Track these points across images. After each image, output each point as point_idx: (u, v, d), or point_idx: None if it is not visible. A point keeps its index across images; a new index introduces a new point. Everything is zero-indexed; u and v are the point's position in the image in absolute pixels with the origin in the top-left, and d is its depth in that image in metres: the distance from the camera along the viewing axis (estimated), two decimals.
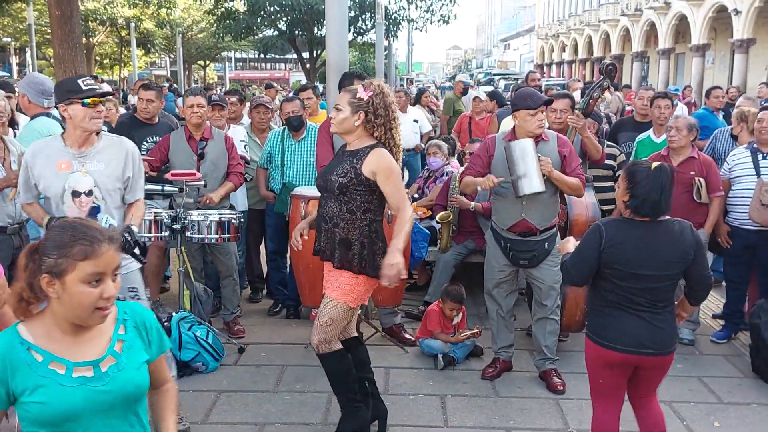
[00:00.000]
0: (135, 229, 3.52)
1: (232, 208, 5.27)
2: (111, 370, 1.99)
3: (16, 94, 5.77)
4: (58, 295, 1.90)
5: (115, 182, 3.59)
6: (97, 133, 3.60)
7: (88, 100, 3.46)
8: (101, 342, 2.01)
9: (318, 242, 3.68)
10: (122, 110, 9.86)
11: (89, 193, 3.52)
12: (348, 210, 3.53)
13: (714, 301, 6.16)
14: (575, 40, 51.19)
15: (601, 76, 5.11)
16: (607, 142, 5.63)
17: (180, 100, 17.31)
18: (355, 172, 3.48)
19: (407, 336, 5.23)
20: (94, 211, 3.56)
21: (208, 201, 4.94)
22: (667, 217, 3.15)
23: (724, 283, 5.67)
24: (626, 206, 3.13)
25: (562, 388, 4.43)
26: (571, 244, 3.37)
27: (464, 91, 11.33)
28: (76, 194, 3.52)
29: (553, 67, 56.41)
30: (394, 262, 3.39)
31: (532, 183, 4.09)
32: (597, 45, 46.09)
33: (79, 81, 3.58)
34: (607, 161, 5.45)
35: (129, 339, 2.06)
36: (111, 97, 5.46)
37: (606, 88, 5.30)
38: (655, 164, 3.13)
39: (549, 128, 4.99)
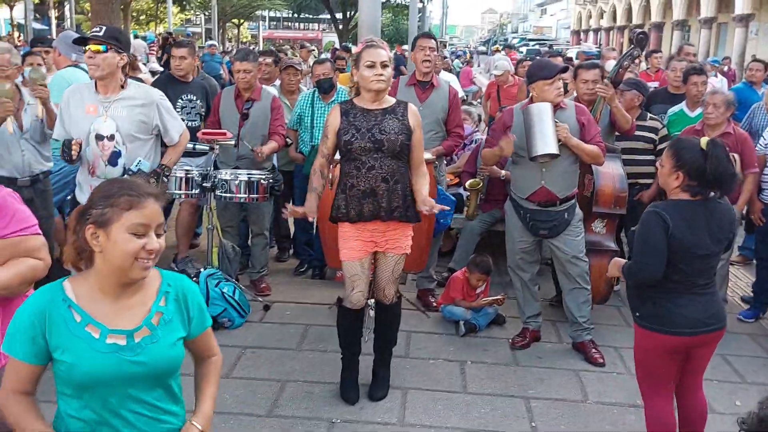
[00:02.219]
0: (167, 171, 3.82)
1: (274, 169, 5.33)
2: (144, 342, 1.96)
3: (53, 48, 5.88)
4: (102, 248, 1.91)
5: (137, 128, 3.71)
6: (125, 81, 3.71)
7: (85, 47, 3.65)
8: (140, 311, 1.99)
9: (365, 206, 3.65)
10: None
11: (111, 137, 3.67)
12: (403, 164, 3.69)
13: (744, 279, 6.10)
14: (614, 7, 49.99)
15: (632, 45, 5.02)
16: (650, 115, 5.54)
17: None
18: (407, 128, 3.63)
19: (432, 301, 5.27)
20: (115, 156, 3.71)
21: (259, 153, 5.03)
22: (713, 194, 3.01)
23: (754, 262, 5.61)
24: (682, 189, 2.98)
25: (602, 360, 4.41)
26: (616, 267, 3.21)
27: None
28: (99, 137, 3.71)
29: (590, 34, 55.25)
30: (430, 203, 3.65)
31: (546, 144, 4.08)
32: (636, 12, 44.98)
33: (89, 32, 3.76)
34: (647, 134, 5.37)
35: (168, 312, 2.03)
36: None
37: (636, 56, 5.20)
38: (705, 141, 2.98)
39: (579, 99, 4.95)
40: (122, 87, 3.74)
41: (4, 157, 4.29)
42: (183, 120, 5.44)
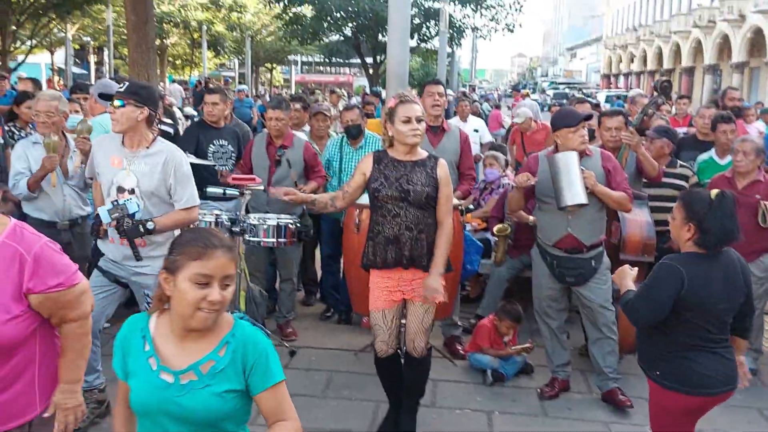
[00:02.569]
0: (150, 225, 3.62)
1: (303, 213, 5.35)
2: (189, 386, 2.01)
3: (90, 95, 6.07)
4: (171, 293, 2.01)
5: (156, 186, 3.73)
6: (155, 138, 3.77)
7: (110, 102, 3.74)
8: (196, 356, 2.03)
9: (389, 253, 3.71)
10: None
11: (131, 191, 3.70)
12: (429, 216, 3.72)
13: None
14: (644, 51, 50.14)
15: (655, 93, 5.02)
16: (680, 162, 5.51)
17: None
18: (435, 181, 3.68)
19: (459, 349, 5.23)
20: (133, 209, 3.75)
21: (301, 190, 5.04)
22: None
23: None
24: (694, 242, 2.97)
25: (629, 403, 4.34)
26: (629, 278, 3.18)
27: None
28: (120, 190, 3.74)
29: (621, 77, 55.31)
30: (436, 286, 3.63)
31: (575, 195, 4.07)
32: (667, 57, 45.03)
33: (115, 85, 3.87)
34: (678, 181, 5.33)
35: (222, 363, 2.03)
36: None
37: (661, 104, 5.20)
38: (714, 193, 2.99)
39: (603, 146, 4.95)
40: (149, 142, 3.76)
41: (46, 202, 4.45)
42: (215, 165, 5.58)
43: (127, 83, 3.85)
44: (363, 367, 4.80)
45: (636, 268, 3.30)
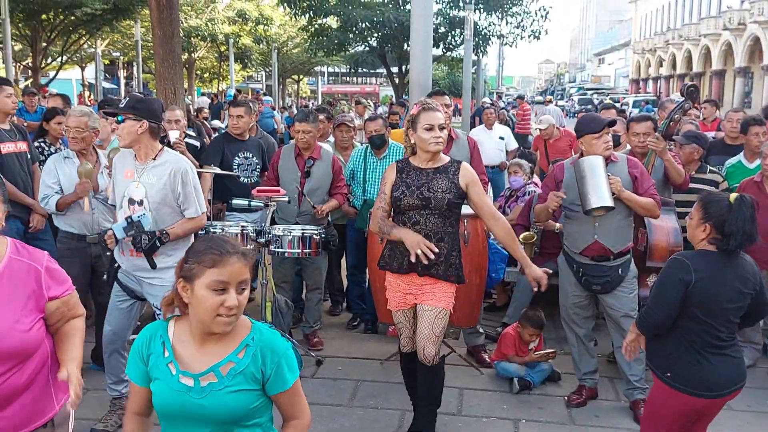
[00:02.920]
0: (166, 237, 3.77)
1: (329, 224, 5.42)
2: (209, 388, 2.07)
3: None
4: (189, 300, 2.07)
5: (163, 196, 3.82)
6: (161, 150, 3.87)
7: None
8: (215, 359, 2.10)
9: (405, 258, 3.69)
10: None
11: (140, 202, 3.81)
12: (450, 224, 3.73)
13: None
14: (673, 55, 49.58)
15: (683, 98, 4.97)
16: (710, 168, 5.45)
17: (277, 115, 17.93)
18: (456, 187, 3.68)
19: (485, 357, 5.21)
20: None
21: (320, 211, 5.22)
22: None
23: None
24: (708, 242, 3.03)
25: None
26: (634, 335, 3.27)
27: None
28: (131, 201, 3.86)
29: (650, 82, 54.74)
30: (538, 272, 3.76)
31: (601, 197, 4.04)
32: (696, 60, 44.48)
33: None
34: (707, 187, 5.27)
35: (242, 364, 2.09)
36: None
37: (688, 109, 5.15)
38: (734, 197, 3.03)
39: (631, 153, 4.91)
40: (155, 153, 3.86)
41: (75, 215, 4.52)
42: (239, 177, 5.64)
43: (126, 98, 3.97)
44: (389, 376, 4.81)
45: None
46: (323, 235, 5.07)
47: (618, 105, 21.78)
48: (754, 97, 36.22)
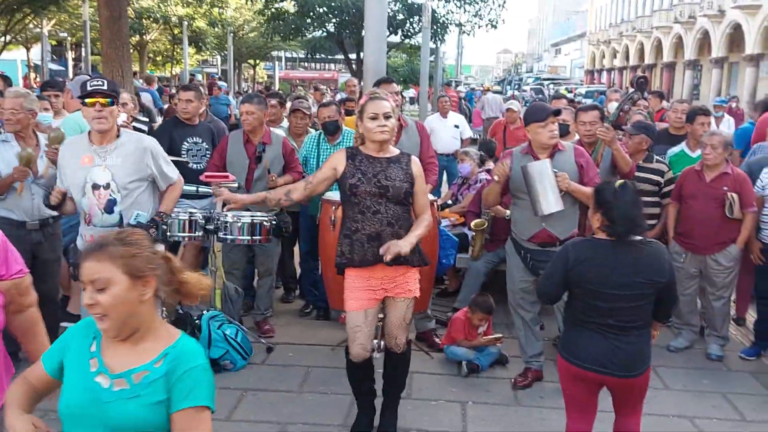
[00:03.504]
0: (167, 218, 3.93)
1: (282, 210, 5.38)
2: (120, 394, 1.94)
3: (66, 90, 6.03)
4: None
5: (131, 177, 3.83)
6: (119, 131, 3.81)
7: (87, 100, 3.71)
8: (134, 363, 1.98)
9: (369, 250, 3.65)
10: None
11: (107, 186, 3.78)
12: (407, 211, 3.74)
13: (748, 318, 6.04)
14: (627, 47, 50.44)
15: (632, 89, 5.09)
16: (656, 157, 5.58)
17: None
18: (411, 177, 3.70)
19: (436, 341, 5.27)
20: (111, 203, 3.82)
21: (272, 179, 5.20)
22: (639, 237, 3.14)
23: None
24: (601, 229, 3.14)
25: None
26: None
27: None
28: (95, 187, 3.81)
29: (604, 73, 55.61)
30: (404, 244, 3.52)
31: (550, 204, 4.16)
32: (648, 52, 45.34)
33: (88, 82, 3.83)
34: (653, 176, 5.42)
35: (156, 374, 1.95)
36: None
37: (637, 100, 5.27)
38: (619, 183, 3.16)
39: (579, 141, 5.01)
40: (115, 135, 3.84)
41: (14, 201, 4.40)
42: (188, 162, 5.58)
43: (106, 81, 3.88)
44: (340, 362, 4.77)
45: None
46: (274, 222, 5.05)
47: (570, 95, 22.09)
48: (702, 89, 37.10)
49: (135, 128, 5.78)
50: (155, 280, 2.00)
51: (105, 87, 3.75)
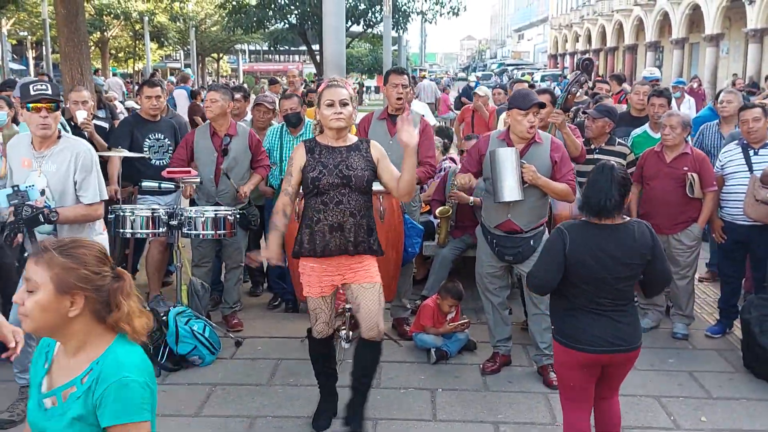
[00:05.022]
0: (54, 216, 3.60)
1: (250, 203, 5.36)
2: (50, 412, 1.88)
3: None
4: None
5: (65, 184, 3.71)
6: (59, 134, 3.73)
7: (31, 105, 3.60)
8: (66, 378, 1.89)
9: (331, 240, 3.66)
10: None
11: (42, 192, 3.68)
12: (368, 200, 3.74)
13: (712, 296, 6.17)
14: (588, 30, 50.85)
15: (578, 71, 5.14)
16: (618, 140, 5.64)
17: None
18: (371, 163, 3.69)
19: (407, 329, 5.29)
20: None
21: (243, 194, 5.13)
22: (627, 218, 3.20)
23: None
24: (583, 212, 3.21)
25: (556, 383, 4.46)
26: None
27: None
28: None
29: (567, 57, 56.03)
30: (413, 141, 3.52)
31: (509, 192, 4.17)
32: (610, 35, 45.76)
33: (31, 86, 3.69)
34: (615, 159, 5.45)
35: (82, 390, 1.85)
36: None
37: (584, 82, 5.34)
38: (600, 164, 3.21)
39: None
40: (55, 141, 3.72)
41: None
42: (151, 159, 5.52)
43: (49, 84, 3.78)
44: (308, 354, 4.83)
45: None
46: (238, 216, 5.02)
47: (529, 79, 22.34)
48: (664, 70, 37.55)
49: (96, 126, 5.71)
50: (83, 300, 1.84)
51: (50, 92, 3.65)
